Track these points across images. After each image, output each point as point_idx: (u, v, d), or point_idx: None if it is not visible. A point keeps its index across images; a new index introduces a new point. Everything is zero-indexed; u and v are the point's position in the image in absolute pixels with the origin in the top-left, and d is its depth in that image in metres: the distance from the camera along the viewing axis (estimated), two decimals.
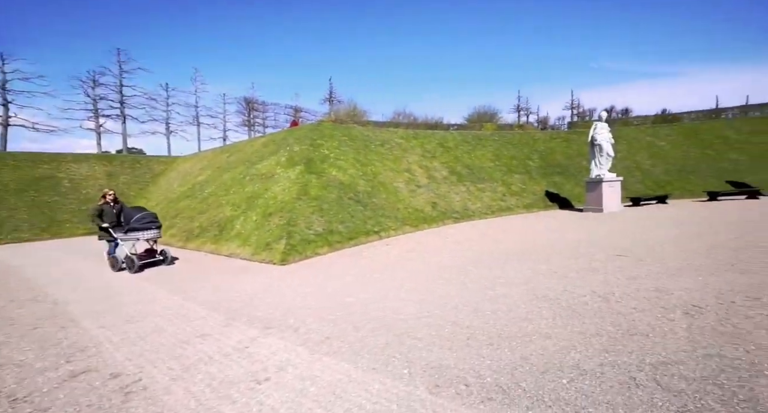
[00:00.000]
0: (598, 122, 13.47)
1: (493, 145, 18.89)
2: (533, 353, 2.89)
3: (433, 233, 10.40)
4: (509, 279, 5.17)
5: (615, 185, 12.94)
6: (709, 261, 5.28)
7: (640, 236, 7.70)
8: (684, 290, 4.15)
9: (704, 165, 17.10)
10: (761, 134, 17.95)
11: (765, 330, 3.01)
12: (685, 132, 20.04)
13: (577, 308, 3.84)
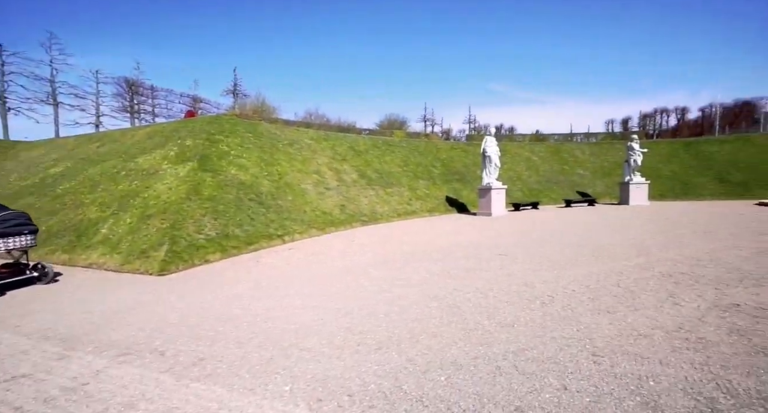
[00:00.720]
0: (488, 137, 15.32)
1: (401, 151, 19.83)
2: (419, 353, 3.00)
3: (340, 236, 10.30)
4: (407, 281, 5.37)
5: (501, 192, 14.87)
6: (562, 258, 6.39)
7: (518, 238, 8.94)
8: (543, 282, 4.90)
9: (563, 177, 21.01)
10: (597, 155, 22.95)
11: (590, 312, 3.72)
12: (551, 150, 24.31)
13: (461, 305, 4.17)
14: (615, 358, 2.78)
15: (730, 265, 5.36)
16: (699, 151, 21.30)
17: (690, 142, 23.10)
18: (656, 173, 19.69)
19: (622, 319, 3.54)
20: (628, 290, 4.44)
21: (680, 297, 4.08)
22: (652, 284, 4.62)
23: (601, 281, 4.83)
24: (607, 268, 5.55)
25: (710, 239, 7.61)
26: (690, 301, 3.95)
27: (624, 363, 2.69)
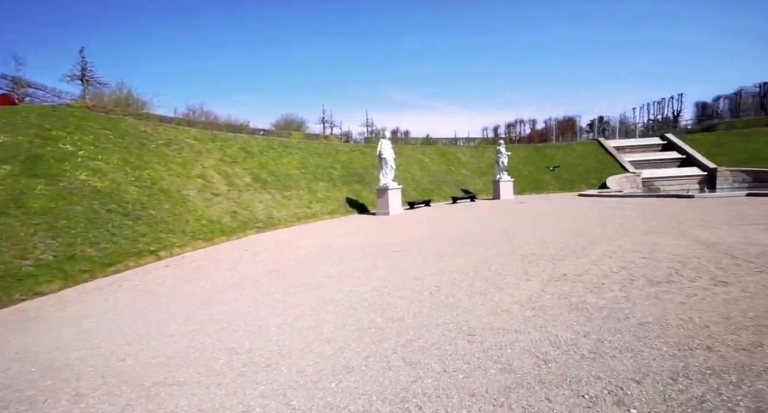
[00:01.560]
0: (384, 140, 16.07)
1: (300, 153, 19.20)
2: (310, 364, 2.90)
3: (231, 245, 9.36)
4: (303, 287, 5.19)
5: (397, 192, 15.78)
6: (449, 249, 7.13)
7: (411, 234, 9.61)
8: (432, 274, 5.36)
9: (449, 177, 23.58)
10: (475, 157, 26.55)
11: (468, 296, 4.23)
12: (439, 153, 26.99)
13: (357, 306, 4.23)
14: (484, 335, 3.20)
15: (563, 243, 6.83)
16: (545, 154, 26.65)
17: (539, 147, 28.69)
18: (518, 172, 23.77)
19: (491, 299, 4.12)
20: (497, 273, 5.21)
21: (531, 274, 4.99)
22: (514, 266, 5.53)
23: (478, 268, 5.55)
24: (483, 255, 6.41)
25: (553, 223, 9.57)
26: (536, 275, 4.86)
27: (490, 338, 3.13)
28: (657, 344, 2.81)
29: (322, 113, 38.74)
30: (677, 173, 22.81)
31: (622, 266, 5.04)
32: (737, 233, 6.70)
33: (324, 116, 38.13)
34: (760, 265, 4.63)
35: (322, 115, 38.23)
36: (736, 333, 2.89)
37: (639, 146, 26.73)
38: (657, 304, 3.60)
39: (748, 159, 21.53)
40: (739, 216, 8.82)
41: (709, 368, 2.43)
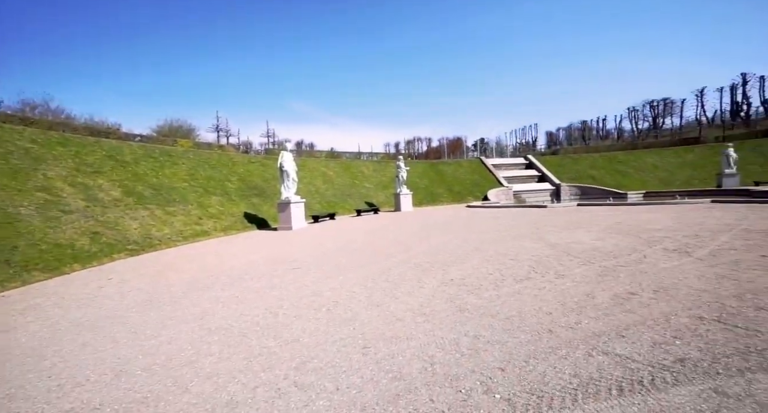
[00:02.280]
0: (285, 152, 15.50)
1: (188, 163, 17.05)
2: (182, 409, 2.51)
3: (89, 275, 7.59)
4: (182, 317, 4.52)
5: (300, 206, 15.30)
6: (349, 262, 7.20)
7: (313, 249, 9.39)
8: (331, 289, 5.31)
9: (354, 190, 24.09)
10: (378, 171, 27.84)
11: (365, 309, 4.32)
12: (344, 166, 27.39)
13: (248, 331, 3.88)
14: (378, 346, 3.30)
15: (452, 251, 7.63)
16: (438, 170, 29.61)
17: (433, 163, 31.73)
18: (416, 185, 25.75)
19: (387, 309, 4.28)
20: (393, 283, 5.47)
21: (424, 281, 5.40)
22: (410, 275, 5.90)
23: (376, 279, 5.73)
24: (382, 266, 6.66)
25: (444, 233, 10.62)
26: (428, 282, 5.29)
27: (384, 348, 3.23)
28: (517, 333, 3.33)
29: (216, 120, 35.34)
30: (537, 187, 28.04)
31: (496, 268, 5.87)
32: (571, 236, 8.55)
33: (218, 123, 34.86)
34: (584, 259, 5.99)
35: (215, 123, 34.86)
36: (567, 316, 3.64)
37: (510, 165, 32.02)
38: (519, 299, 4.29)
39: (577, 177, 27.97)
40: (572, 222, 11.30)
41: (549, 347, 2.99)
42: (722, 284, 4.25)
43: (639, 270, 5.11)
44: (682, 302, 3.78)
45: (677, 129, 49.25)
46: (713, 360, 2.61)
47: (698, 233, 7.57)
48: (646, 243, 7.01)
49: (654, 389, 2.33)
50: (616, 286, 4.48)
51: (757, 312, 3.40)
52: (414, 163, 30.80)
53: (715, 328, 3.13)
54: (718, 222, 8.92)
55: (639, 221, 10.13)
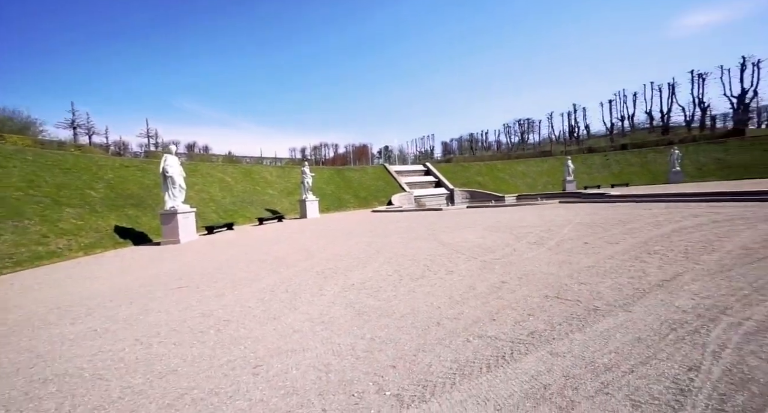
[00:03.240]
0: (169, 155, 13.53)
1: (24, 166, 13.41)
2: None
3: None
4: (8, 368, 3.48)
5: (190, 216, 13.53)
6: (246, 275, 6.65)
7: (206, 263, 8.37)
8: (222, 307, 4.81)
9: (256, 197, 22.51)
10: (282, 177, 26.68)
11: (259, 324, 4.05)
12: (245, 172, 25.38)
13: (105, 372, 3.20)
14: (271, 362, 3.11)
15: (355, 256, 7.77)
16: (345, 176, 29.93)
17: (340, 169, 31.93)
18: (323, 191, 25.49)
19: (284, 321, 4.08)
20: (293, 293, 5.26)
21: (325, 288, 5.34)
22: (311, 282, 5.76)
23: (275, 290, 5.43)
24: (283, 276, 6.34)
25: (349, 238, 10.75)
26: (330, 289, 5.25)
27: (277, 364, 3.06)
28: (410, 330, 3.56)
29: (71, 113, 28.70)
30: (434, 192, 30.77)
31: (395, 270, 6.19)
32: (460, 235, 9.64)
33: (74, 118, 28.43)
34: (469, 256, 6.80)
35: (71, 117, 28.33)
36: (453, 308, 4.07)
37: (411, 171, 34.41)
38: (414, 297, 4.60)
39: (467, 182, 31.83)
40: (462, 223, 12.76)
41: (437, 338, 3.29)
42: (562, 267, 5.35)
43: (509, 262, 6.05)
44: (536, 285, 4.61)
45: (537, 143, 60.50)
46: (551, 329, 3.25)
47: (550, 228, 9.38)
48: (516, 238, 8.34)
49: (512, 360, 2.76)
50: (492, 277, 5.21)
51: (580, 286, 4.38)
52: (320, 169, 30.49)
53: (555, 303, 3.90)
54: (563, 218, 11.22)
55: (512, 220, 12.01)
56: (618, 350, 2.79)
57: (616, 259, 5.60)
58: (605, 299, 3.90)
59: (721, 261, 4.97)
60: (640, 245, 6.49)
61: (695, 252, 5.59)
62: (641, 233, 7.57)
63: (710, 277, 4.33)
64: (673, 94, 50.72)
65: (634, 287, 4.19)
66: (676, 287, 4.07)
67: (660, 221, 8.99)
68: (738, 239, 6.24)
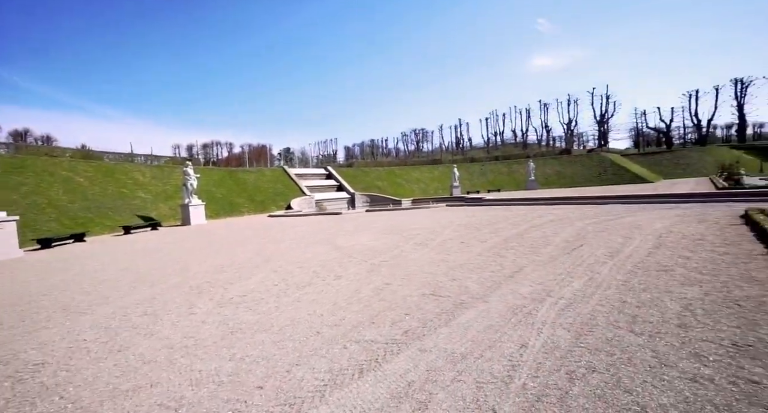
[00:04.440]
0: None
1: None
2: None
3: None
4: None
5: (9, 227, 10.32)
6: (92, 298, 5.35)
7: (25, 290, 6.44)
8: (39, 347, 3.72)
9: (121, 202, 18.69)
10: (160, 179, 22.90)
11: (94, 362, 3.26)
12: (106, 170, 20.86)
13: None
14: (99, 411, 2.50)
15: (240, 265, 7.08)
16: (239, 178, 27.43)
17: (232, 171, 29.12)
18: (212, 195, 22.82)
19: (133, 352, 3.37)
20: (153, 315, 4.44)
21: (197, 306, 4.67)
22: (180, 300, 4.97)
23: (128, 315, 4.49)
24: (142, 296, 5.31)
25: (237, 246, 9.78)
26: (202, 306, 4.61)
27: (110, 411, 2.48)
28: (287, 343, 3.35)
29: None
30: (336, 195, 30.76)
31: (282, 279, 5.84)
32: (355, 238, 9.79)
33: None
34: (360, 259, 6.92)
35: None
36: (335, 314, 4.01)
37: (312, 175, 33.68)
38: (297, 307, 4.39)
39: (368, 187, 32.89)
40: (359, 226, 13.04)
41: (313, 349, 3.17)
42: (440, 266, 5.88)
43: (396, 263, 6.36)
44: (416, 285, 4.93)
45: (430, 152, 66.61)
46: (423, 326, 3.49)
47: (435, 229, 10.31)
48: (405, 240, 8.87)
49: (384, 362, 2.84)
50: (378, 279, 5.37)
51: (452, 282, 4.88)
52: (209, 170, 27.29)
53: (430, 300, 4.23)
54: (447, 220, 12.50)
55: (404, 223, 12.80)
56: (474, 338, 3.14)
57: (484, 256, 6.44)
58: (471, 293, 4.40)
59: (552, 253, 6.21)
60: (502, 242, 7.63)
61: (537, 246, 6.86)
62: (504, 232, 8.94)
63: (543, 266, 5.35)
64: (528, 118, 62.46)
65: (493, 280, 4.86)
66: (522, 277, 4.88)
67: (518, 222, 10.80)
68: (563, 234, 7.92)
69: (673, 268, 4.73)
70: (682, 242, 6.30)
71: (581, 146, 56.73)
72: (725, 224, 7.72)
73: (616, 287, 4.15)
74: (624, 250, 6.00)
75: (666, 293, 3.83)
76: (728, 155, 35.99)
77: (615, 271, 4.82)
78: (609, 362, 2.57)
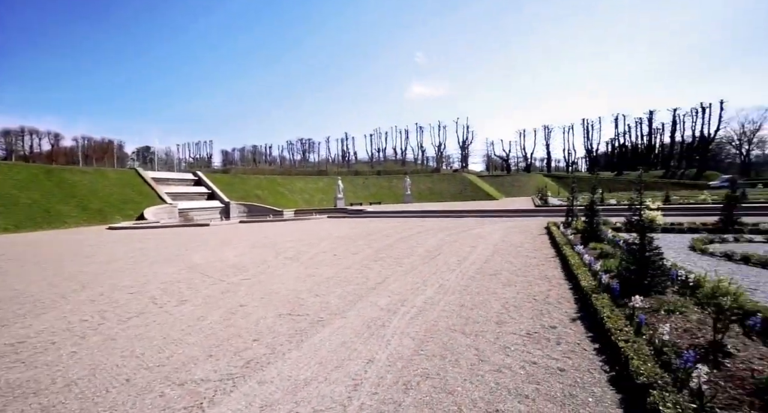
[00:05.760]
0: None
1: None
2: None
3: None
4: None
5: None
6: None
7: None
8: None
9: None
10: None
11: None
12: None
13: None
14: None
15: (37, 297, 5.25)
16: (62, 179, 21.20)
17: (52, 169, 22.43)
18: (12, 200, 16.93)
19: None
20: None
21: None
22: None
23: None
24: None
25: (48, 267, 7.32)
26: None
27: None
28: (73, 403, 2.50)
29: None
30: (207, 204, 27.04)
31: (100, 310, 4.55)
32: (218, 254, 8.62)
33: None
34: (217, 278, 6.04)
35: None
36: (162, 351, 3.27)
37: (176, 180, 28.84)
38: (108, 348, 3.41)
39: (246, 196, 30.21)
40: (228, 239, 11.64)
41: (111, 406, 2.45)
42: (306, 281, 5.62)
43: (258, 281, 5.77)
44: (275, 304, 4.52)
45: (317, 163, 66.20)
46: (272, 352, 3.15)
47: (312, 242, 10.01)
48: (276, 254, 8.26)
49: (211, 406, 2.38)
50: (232, 301, 4.73)
51: (315, 298, 4.69)
52: (10, 165, 20.30)
53: (286, 321, 3.91)
54: (326, 232, 12.37)
55: (282, 234, 12.05)
56: (322, 359, 2.98)
57: (353, 268, 6.48)
58: (331, 309, 4.27)
59: (414, 262, 6.73)
60: (373, 254, 7.89)
61: (402, 257, 7.34)
62: (376, 243, 9.31)
63: (404, 276, 5.71)
64: (407, 138, 69.17)
65: (356, 294, 4.87)
66: (383, 288, 5.06)
67: (391, 233, 11.49)
68: (426, 245, 8.77)
69: (500, 272, 5.69)
70: (510, 249, 7.73)
71: (449, 166, 65.91)
72: (536, 234, 9.91)
73: (459, 292, 4.69)
74: (470, 258, 6.95)
75: (492, 295, 4.52)
76: (541, 180, 47.38)
77: (460, 277, 5.49)
78: (440, 366, 2.77)
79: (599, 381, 2.43)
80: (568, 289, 4.61)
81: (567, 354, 2.85)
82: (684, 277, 3.88)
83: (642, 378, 2.09)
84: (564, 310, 3.85)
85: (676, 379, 2.07)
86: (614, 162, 59.18)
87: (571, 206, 10.06)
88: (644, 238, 3.83)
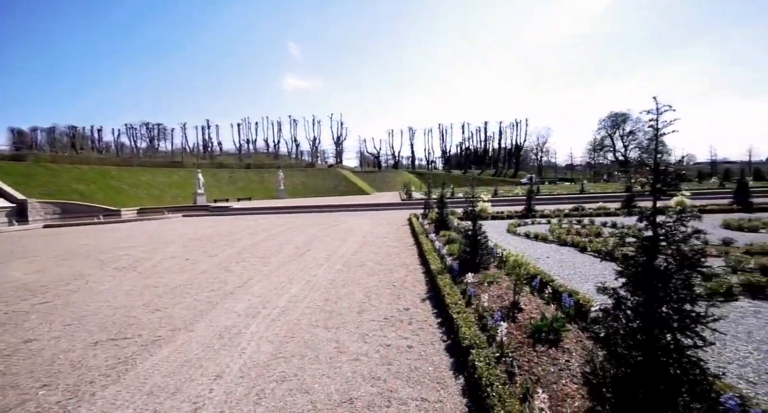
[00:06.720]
0: None
1: None
2: None
3: None
4: None
5: None
6: None
7: None
8: None
9: None
10: None
11: None
12: None
13: None
14: None
15: None
16: None
17: None
18: None
19: None
20: None
21: None
22: None
23: None
24: None
25: None
26: None
27: None
28: None
29: None
30: None
31: None
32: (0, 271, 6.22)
33: None
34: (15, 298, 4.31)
35: None
36: None
37: None
38: None
39: (59, 192, 22.94)
40: (14, 252, 8.55)
41: None
42: (143, 295, 4.61)
43: (66, 303, 4.40)
44: (91, 330, 3.52)
45: (170, 153, 55.85)
46: (74, 395, 2.41)
47: (156, 247, 8.32)
48: (100, 265, 6.51)
49: None
50: (16, 336, 3.44)
51: (154, 313, 3.88)
52: None
53: (103, 350, 3.08)
54: (177, 234, 10.52)
55: (113, 240, 9.60)
56: (153, 388, 2.46)
57: (209, 273, 5.67)
58: (174, 324, 3.60)
59: (282, 260, 6.40)
60: (235, 254, 7.11)
61: (270, 255, 6.88)
62: (240, 243, 8.45)
63: (269, 276, 5.35)
64: (280, 131, 65.66)
65: (209, 302, 4.26)
66: (244, 292, 4.59)
67: (258, 231, 10.65)
68: (296, 241, 8.50)
69: (365, 263, 5.98)
70: (375, 241, 8.23)
71: (323, 161, 65.85)
72: (400, 225, 10.91)
73: (325, 287, 4.67)
74: (338, 251, 7.06)
75: (357, 285, 4.69)
76: (407, 177, 52.80)
77: (328, 271, 5.49)
78: (299, 366, 2.67)
79: (438, 351, 2.80)
80: (421, 273, 5.19)
81: (416, 331, 3.18)
82: (501, 254, 4.90)
83: (466, 342, 2.49)
84: (417, 292, 4.31)
85: (490, 337, 2.56)
86: (462, 162, 70.92)
87: (428, 199, 11.45)
88: (476, 225, 4.63)
